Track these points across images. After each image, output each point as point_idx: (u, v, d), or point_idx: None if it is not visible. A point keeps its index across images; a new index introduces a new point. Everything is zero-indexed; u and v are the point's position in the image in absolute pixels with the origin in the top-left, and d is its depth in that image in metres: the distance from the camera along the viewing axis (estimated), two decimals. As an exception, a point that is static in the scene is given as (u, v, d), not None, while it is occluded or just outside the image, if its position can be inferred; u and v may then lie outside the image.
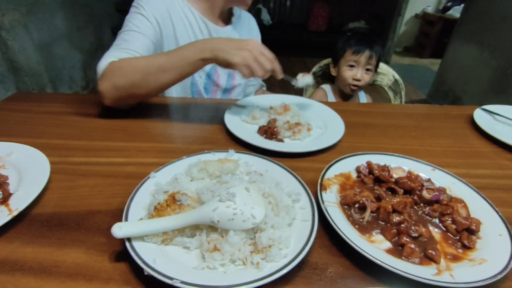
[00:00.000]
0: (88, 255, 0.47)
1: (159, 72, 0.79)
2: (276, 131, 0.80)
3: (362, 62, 1.31)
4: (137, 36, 0.90)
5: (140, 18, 0.92)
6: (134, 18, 0.92)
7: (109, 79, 0.80)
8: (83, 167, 0.67)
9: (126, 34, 0.90)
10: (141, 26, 0.91)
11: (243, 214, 0.48)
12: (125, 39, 0.88)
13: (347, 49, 1.33)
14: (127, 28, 0.91)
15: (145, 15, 0.92)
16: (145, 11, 0.92)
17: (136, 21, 0.92)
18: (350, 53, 1.32)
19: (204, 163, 0.62)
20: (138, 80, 0.79)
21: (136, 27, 0.91)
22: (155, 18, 0.94)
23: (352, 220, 0.55)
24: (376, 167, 0.66)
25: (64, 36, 2.78)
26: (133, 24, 0.91)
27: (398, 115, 1.03)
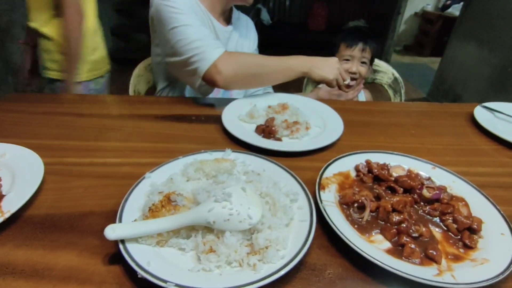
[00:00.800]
0: (81, 258, 0.46)
1: (273, 73, 0.96)
2: (274, 130, 0.79)
3: (357, 55, 1.30)
4: (202, 27, 0.94)
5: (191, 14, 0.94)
6: (180, 13, 0.91)
7: (229, 67, 0.90)
8: (78, 167, 0.66)
9: (194, 27, 0.91)
10: (194, 18, 0.94)
11: (240, 214, 0.47)
12: (206, 35, 0.92)
13: (341, 43, 1.33)
14: (186, 22, 0.91)
15: (186, 11, 0.93)
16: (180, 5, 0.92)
17: (187, 15, 0.92)
18: (344, 47, 1.31)
19: (200, 162, 0.61)
20: (255, 72, 0.95)
21: (192, 19, 0.92)
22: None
23: (351, 220, 0.54)
24: (376, 166, 0.65)
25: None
26: (187, 18, 0.92)
27: (398, 114, 1.02)
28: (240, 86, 1.02)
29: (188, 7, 0.93)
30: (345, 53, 1.32)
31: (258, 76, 0.96)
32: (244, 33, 1.21)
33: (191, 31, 0.90)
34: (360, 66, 1.32)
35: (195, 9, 0.98)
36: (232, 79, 0.92)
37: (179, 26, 0.90)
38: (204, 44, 0.90)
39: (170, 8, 0.90)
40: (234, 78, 0.92)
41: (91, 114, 0.89)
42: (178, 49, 0.91)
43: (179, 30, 0.90)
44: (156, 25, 0.97)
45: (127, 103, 0.98)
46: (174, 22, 0.90)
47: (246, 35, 1.22)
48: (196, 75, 0.91)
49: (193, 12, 0.94)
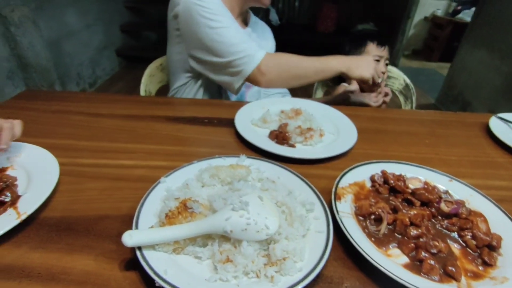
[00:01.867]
0: (97, 262, 0.46)
1: (314, 73, 1.00)
2: (288, 136, 0.78)
3: (385, 55, 1.28)
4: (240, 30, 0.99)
5: (222, 11, 0.96)
6: (218, 14, 0.94)
7: (273, 69, 0.96)
8: (92, 169, 0.66)
9: (231, 29, 0.95)
10: (230, 18, 0.98)
11: (257, 224, 0.46)
12: (245, 37, 0.98)
13: (368, 43, 1.30)
14: (224, 24, 0.94)
15: (221, 11, 0.96)
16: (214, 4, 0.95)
17: (224, 17, 0.96)
18: (374, 47, 1.29)
19: (215, 168, 0.60)
20: (298, 74, 0.98)
21: (230, 20, 0.97)
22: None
23: (367, 232, 0.53)
24: (392, 177, 0.64)
25: (73, 33, 2.79)
26: (229, 21, 0.96)
27: (411, 122, 1.00)
28: (281, 85, 1.05)
29: (221, 7, 0.96)
30: (376, 52, 1.29)
31: (299, 77, 0.99)
32: (262, 36, 1.22)
33: (232, 33, 0.94)
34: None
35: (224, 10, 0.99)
36: (274, 81, 0.98)
37: (219, 28, 0.93)
38: (247, 47, 0.94)
39: (204, 8, 0.92)
40: (277, 79, 0.98)
41: (103, 114, 0.89)
42: (220, 50, 0.94)
43: (219, 31, 0.93)
44: (183, 23, 0.97)
45: (139, 104, 0.98)
46: (211, 23, 0.92)
47: (264, 38, 1.23)
48: (239, 76, 0.96)
49: (226, 13, 0.97)
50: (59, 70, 2.55)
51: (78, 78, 2.90)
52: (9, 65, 2.13)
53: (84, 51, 2.97)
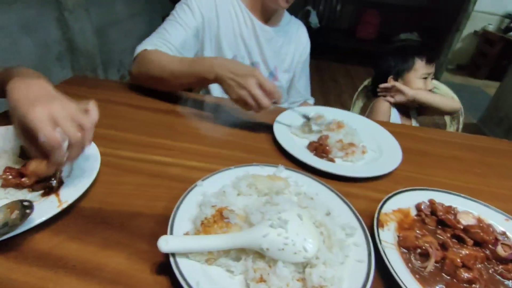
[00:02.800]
0: (129, 262, 0.46)
1: (171, 77, 0.87)
2: (328, 149, 0.75)
3: (431, 72, 1.21)
4: (177, 28, 0.98)
5: (186, 10, 1.00)
6: (180, 9, 1.01)
7: (137, 65, 0.94)
8: (130, 162, 0.67)
9: (169, 23, 0.99)
10: (184, 18, 0.99)
11: (295, 245, 0.44)
12: (166, 29, 0.98)
13: (417, 60, 1.23)
14: (172, 18, 1.00)
15: (191, 7, 1.00)
16: (191, 3, 1.00)
17: (181, 13, 1.00)
18: (423, 65, 1.22)
19: (253, 177, 0.58)
20: (156, 76, 0.89)
21: (180, 19, 0.99)
22: (200, 11, 1.01)
23: (411, 268, 0.49)
24: (441, 208, 0.59)
25: (119, 21, 2.89)
26: (177, 15, 1.00)
27: (459, 146, 0.93)
28: (145, 84, 0.97)
29: (188, 4, 1.00)
30: (424, 70, 1.22)
31: (156, 78, 0.89)
32: (292, 38, 1.20)
33: (161, 25, 0.99)
34: (431, 84, 1.24)
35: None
36: (137, 78, 0.96)
37: (167, 20, 1.01)
38: (147, 40, 0.96)
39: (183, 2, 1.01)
40: (138, 76, 0.95)
41: (145, 107, 0.90)
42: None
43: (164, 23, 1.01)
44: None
45: (180, 99, 0.98)
46: (170, 15, 1.01)
47: (294, 40, 1.20)
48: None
49: (185, 10, 1.00)
50: (103, 56, 2.65)
51: (120, 65, 3.01)
52: (60, 48, 2.24)
53: (127, 39, 3.07)
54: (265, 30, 1.10)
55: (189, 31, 0.99)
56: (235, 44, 1.09)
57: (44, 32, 2.08)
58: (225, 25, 1.05)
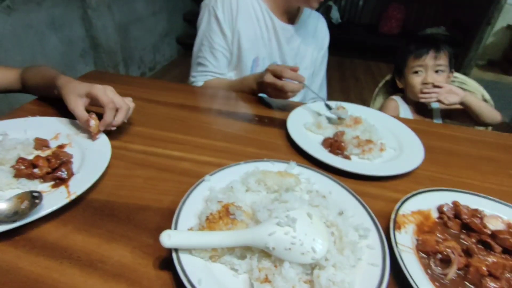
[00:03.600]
0: (133, 255, 0.45)
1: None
2: (343, 146, 0.71)
3: (429, 64, 1.13)
4: (218, 56, 1.08)
5: (217, 31, 1.05)
6: (211, 31, 1.05)
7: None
8: (141, 155, 0.66)
9: (208, 53, 1.08)
10: (219, 41, 1.06)
11: (303, 245, 0.41)
12: (210, 61, 1.08)
13: (408, 56, 1.17)
14: (207, 43, 1.07)
15: (220, 25, 1.03)
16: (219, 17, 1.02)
17: (215, 37, 1.05)
18: (412, 59, 1.15)
19: (263, 173, 0.56)
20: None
21: (216, 44, 1.06)
22: (227, 25, 1.04)
23: (430, 274, 0.45)
24: (466, 211, 0.54)
25: (140, 19, 2.95)
26: (212, 40, 1.06)
27: (490, 145, 0.86)
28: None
29: (226, 18, 1.03)
30: (414, 64, 1.16)
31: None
32: (311, 33, 1.17)
33: (202, 53, 1.12)
34: (436, 74, 1.15)
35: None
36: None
37: (206, 47, 1.11)
38: (196, 66, 1.13)
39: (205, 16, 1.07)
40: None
41: (159, 101, 0.90)
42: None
43: (203, 50, 1.13)
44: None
45: (194, 94, 0.98)
46: (202, 37, 1.11)
47: (313, 35, 1.18)
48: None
49: (224, 27, 1.05)
50: (124, 53, 2.71)
51: (140, 61, 3.07)
52: (83, 44, 2.31)
53: (148, 37, 3.13)
54: (285, 29, 1.08)
55: (225, 52, 1.08)
56: (256, 46, 1.08)
57: (69, 30, 2.15)
58: (245, 28, 1.05)
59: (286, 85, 0.82)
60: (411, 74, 1.18)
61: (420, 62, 1.14)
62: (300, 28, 1.12)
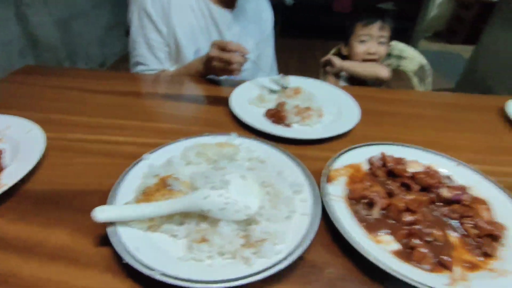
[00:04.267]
0: (72, 237, 0.45)
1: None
2: (284, 115, 0.74)
3: (375, 34, 1.20)
4: (158, 54, 1.04)
5: (151, 28, 1.00)
6: (145, 28, 1.01)
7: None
8: (81, 144, 0.65)
9: (146, 50, 1.03)
10: (155, 38, 1.02)
11: (236, 204, 0.44)
12: (147, 57, 1.03)
13: (356, 24, 1.23)
14: (143, 40, 1.02)
15: (154, 22, 1.00)
16: (151, 14, 0.99)
17: (150, 33, 1.01)
18: (361, 27, 1.22)
19: (202, 146, 0.58)
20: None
21: (153, 41, 1.02)
22: (161, 21, 1.00)
23: (358, 217, 0.50)
24: (391, 159, 0.60)
25: (81, 13, 2.77)
26: (148, 36, 1.01)
27: (421, 104, 0.94)
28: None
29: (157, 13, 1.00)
30: (361, 32, 1.22)
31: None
32: (253, 16, 1.15)
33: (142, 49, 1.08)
34: (379, 46, 1.23)
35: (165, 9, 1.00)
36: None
37: (141, 44, 1.06)
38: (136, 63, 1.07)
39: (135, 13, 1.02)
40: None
41: (99, 90, 0.87)
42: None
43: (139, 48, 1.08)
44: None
45: (136, 81, 0.96)
46: (136, 34, 1.06)
47: (255, 18, 1.16)
48: None
49: (158, 23, 1.01)
50: (68, 49, 2.56)
51: (87, 58, 2.91)
52: (21, 43, 2.15)
53: (92, 31, 2.96)
54: (223, 15, 1.05)
55: (164, 47, 1.04)
56: (195, 38, 1.04)
57: (3, 29, 1.99)
58: (180, 20, 1.01)
59: (232, 56, 0.83)
60: (357, 42, 1.24)
61: (366, 31, 1.21)
62: (239, 12, 1.09)
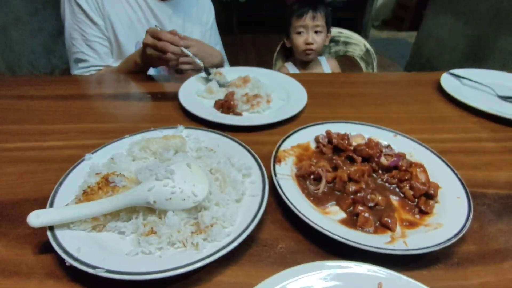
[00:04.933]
0: (8, 248, 0.42)
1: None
2: (233, 104, 0.75)
3: (309, 24, 1.25)
4: (96, 47, 1.00)
5: (85, 20, 0.96)
6: (79, 22, 0.97)
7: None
8: (13, 153, 0.61)
9: (83, 45, 0.99)
10: (91, 31, 0.98)
11: (183, 192, 0.43)
12: (87, 53, 0.99)
13: (291, 17, 1.28)
14: (78, 36, 0.98)
15: (88, 15, 0.96)
16: (83, 12, 0.95)
17: (85, 27, 0.97)
18: (295, 19, 1.27)
19: (147, 141, 0.56)
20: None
21: (90, 35, 0.98)
22: (94, 13, 0.97)
23: (307, 193, 0.52)
24: (335, 136, 0.62)
25: (21, 19, 2.56)
26: (84, 31, 0.98)
27: (365, 84, 0.99)
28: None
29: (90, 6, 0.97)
30: (296, 24, 1.27)
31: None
32: (192, 8, 1.14)
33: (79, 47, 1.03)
34: (315, 35, 1.28)
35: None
36: None
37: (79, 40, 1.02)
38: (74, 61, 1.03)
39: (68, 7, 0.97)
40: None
41: (34, 96, 0.82)
42: None
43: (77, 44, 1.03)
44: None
45: (75, 83, 0.91)
46: (72, 29, 1.01)
47: (194, 10, 1.15)
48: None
49: (92, 15, 0.98)
50: (8, 60, 2.36)
51: (32, 67, 2.70)
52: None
53: (35, 39, 2.76)
54: (160, 7, 1.03)
55: (102, 41, 1.00)
56: (134, 30, 1.01)
57: None
58: (116, 13, 0.98)
59: (166, 45, 0.80)
60: (295, 34, 1.28)
61: (301, 23, 1.25)
62: (179, 4, 1.08)
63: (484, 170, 0.63)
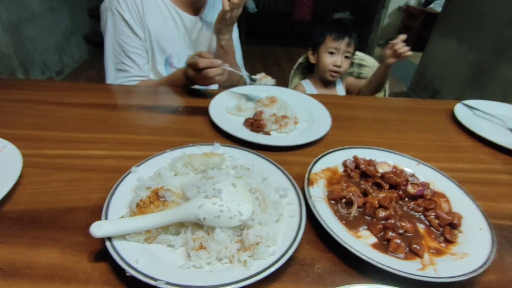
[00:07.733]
0: (64, 255, 0.45)
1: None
2: (263, 123, 0.78)
3: (342, 49, 1.31)
4: (137, 59, 1.04)
5: (127, 32, 1.01)
6: (121, 33, 1.01)
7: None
8: (58, 160, 0.63)
9: (124, 57, 1.03)
10: (132, 43, 1.02)
11: (230, 211, 0.46)
12: (127, 64, 1.04)
13: (327, 35, 1.33)
14: (119, 47, 1.02)
15: (131, 26, 1.00)
16: (126, 17, 0.99)
17: (126, 39, 1.01)
18: (331, 40, 1.32)
19: (189, 157, 0.59)
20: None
21: (130, 46, 1.02)
22: (136, 24, 1.01)
23: (339, 215, 0.55)
24: (362, 162, 0.66)
25: (35, 17, 2.60)
26: (125, 43, 1.02)
27: (383, 109, 1.04)
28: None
29: (133, 18, 1.02)
30: (331, 45, 1.32)
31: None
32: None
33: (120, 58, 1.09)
34: (344, 60, 1.34)
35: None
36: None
37: (121, 51, 1.07)
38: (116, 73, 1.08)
39: (110, 18, 1.02)
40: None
41: (71, 103, 0.85)
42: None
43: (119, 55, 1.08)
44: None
45: (110, 92, 0.94)
46: (114, 41, 1.05)
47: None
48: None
49: (134, 26, 1.03)
50: (21, 57, 2.39)
51: (43, 65, 2.73)
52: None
53: (48, 37, 2.79)
54: (193, 21, 1.10)
55: (142, 52, 1.05)
56: (169, 43, 1.07)
57: None
58: (154, 24, 1.03)
59: (208, 72, 0.85)
60: (326, 53, 1.33)
61: (336, 45, 1.30)
62: (207, 17, 1.14)
63: (499, 202, 0.66)
